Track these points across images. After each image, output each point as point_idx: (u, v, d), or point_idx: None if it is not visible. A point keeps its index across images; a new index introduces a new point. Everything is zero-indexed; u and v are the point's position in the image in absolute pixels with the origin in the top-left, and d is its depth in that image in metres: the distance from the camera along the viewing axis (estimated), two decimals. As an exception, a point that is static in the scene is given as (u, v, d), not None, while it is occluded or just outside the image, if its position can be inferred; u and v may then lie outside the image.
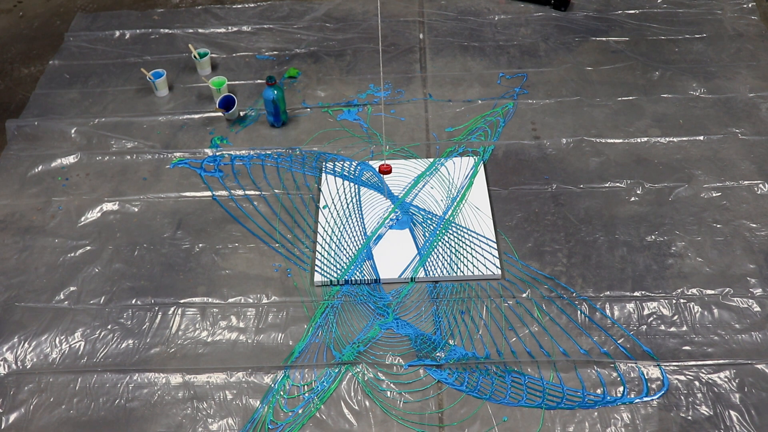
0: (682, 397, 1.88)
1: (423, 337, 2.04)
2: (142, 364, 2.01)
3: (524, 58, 2.98)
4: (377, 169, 2.45)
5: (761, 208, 2.33)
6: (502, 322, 2.07)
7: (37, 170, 2.59)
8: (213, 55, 3.04)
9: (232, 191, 2.48)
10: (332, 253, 2.25)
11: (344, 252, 2.26)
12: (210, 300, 2.16)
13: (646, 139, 2.58)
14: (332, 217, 2.37)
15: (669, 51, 2.97)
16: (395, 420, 1.87)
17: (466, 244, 2.25)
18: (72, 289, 2.21)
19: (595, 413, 1.86)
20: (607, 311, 2.08)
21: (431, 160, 2.54)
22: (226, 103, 2.71)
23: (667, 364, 1.94)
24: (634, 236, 2.27)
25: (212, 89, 2.80)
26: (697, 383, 1.90)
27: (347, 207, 2.40)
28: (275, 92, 2.58)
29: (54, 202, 2.47)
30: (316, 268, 2.21)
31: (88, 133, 2.72)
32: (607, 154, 2.54)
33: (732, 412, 1.84)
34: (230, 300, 2.16)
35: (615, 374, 1.93)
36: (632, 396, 1.89)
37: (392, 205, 2.40)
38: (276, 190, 2.48)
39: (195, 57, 2.92)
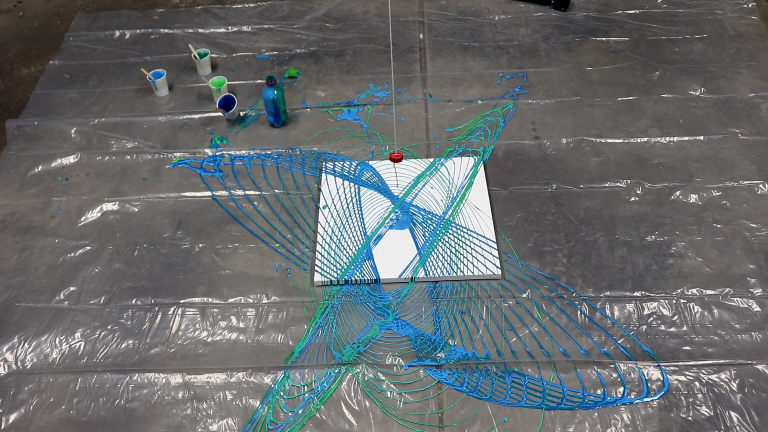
0: (683, 398, 1.88)
1: (423, 338, 2.04)
2: (142, 365, 2.01)
3: (524, 58, 2.97)
4: (388, 158, 2.35)
5: (761, 208, 2.33)
6: (502, 322, 2.07)
7: (37, 170, 2.59)
8: (213, 55, 3.04)
9: (232, 191, 2.48)
10: (332, 253, 2.25)
11: (344, 252, 2.26)
12: (210, 300, 2.16)
13: (646, 139, 2.58)
14: (332, 217, 2.37)
15: (669, 51, 2.97)
16: (395, 420, 1.87)
17: (466, 244, 2.25)
18: (72, 289, 2.21)
19: (595, 414, 1.86)
20: (607, 311, 2.08)
21: (431, 160, 2.54)
22: (226, 103, 2.71)
23: (667, 364, 1.94)
24: (634, 236, 2.27)
25: (212, 89, 2.80)
26: (697, 383, 1.90)
27: (347, 207, 2.40)
28: (275, 92, 2.58)
29: (54, 202, 2.47)
30: (316, 268, 2.21)
31: (88, 133, 2.72)
32: (607, 154, 2.54)
33: (732, 413, 1.84)
34: (230, 300, 2.16)
35: (615, 374, 1.93)
36: (632, 396, 1.89)
37: (392, 205, 2.40)
38: (276, 190, 2.48)
39: (195, 57, 2.92)
